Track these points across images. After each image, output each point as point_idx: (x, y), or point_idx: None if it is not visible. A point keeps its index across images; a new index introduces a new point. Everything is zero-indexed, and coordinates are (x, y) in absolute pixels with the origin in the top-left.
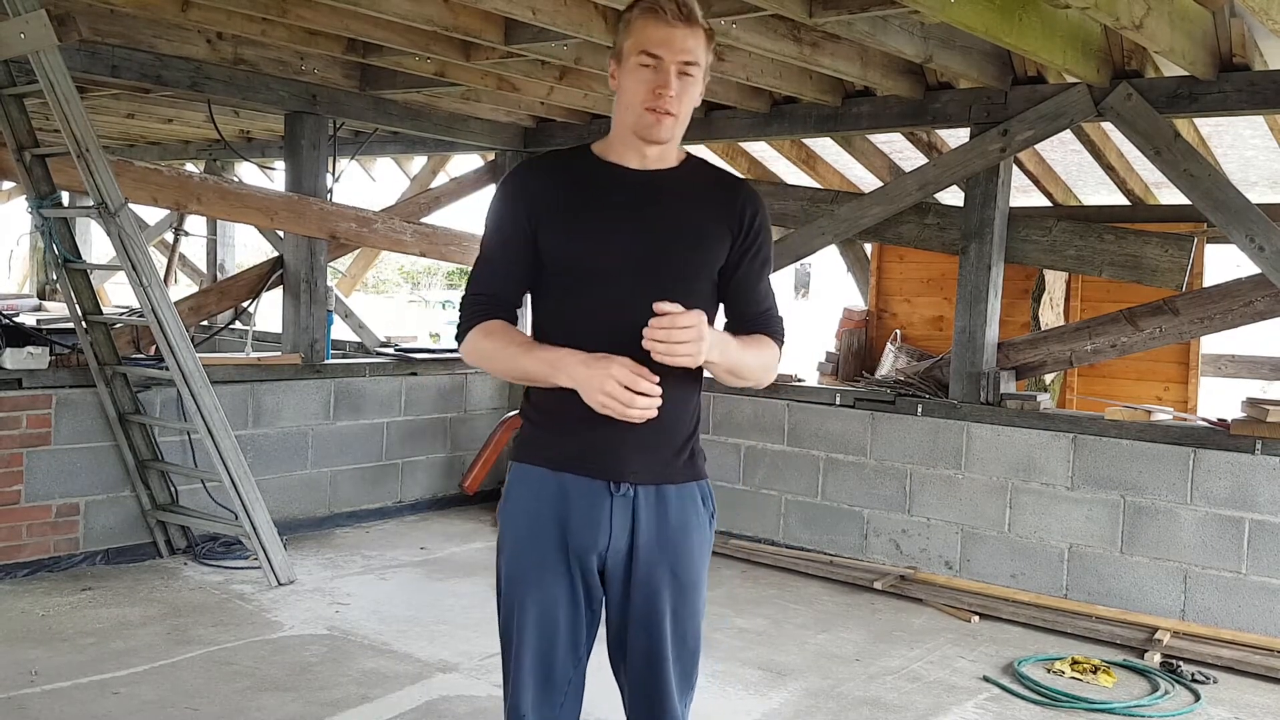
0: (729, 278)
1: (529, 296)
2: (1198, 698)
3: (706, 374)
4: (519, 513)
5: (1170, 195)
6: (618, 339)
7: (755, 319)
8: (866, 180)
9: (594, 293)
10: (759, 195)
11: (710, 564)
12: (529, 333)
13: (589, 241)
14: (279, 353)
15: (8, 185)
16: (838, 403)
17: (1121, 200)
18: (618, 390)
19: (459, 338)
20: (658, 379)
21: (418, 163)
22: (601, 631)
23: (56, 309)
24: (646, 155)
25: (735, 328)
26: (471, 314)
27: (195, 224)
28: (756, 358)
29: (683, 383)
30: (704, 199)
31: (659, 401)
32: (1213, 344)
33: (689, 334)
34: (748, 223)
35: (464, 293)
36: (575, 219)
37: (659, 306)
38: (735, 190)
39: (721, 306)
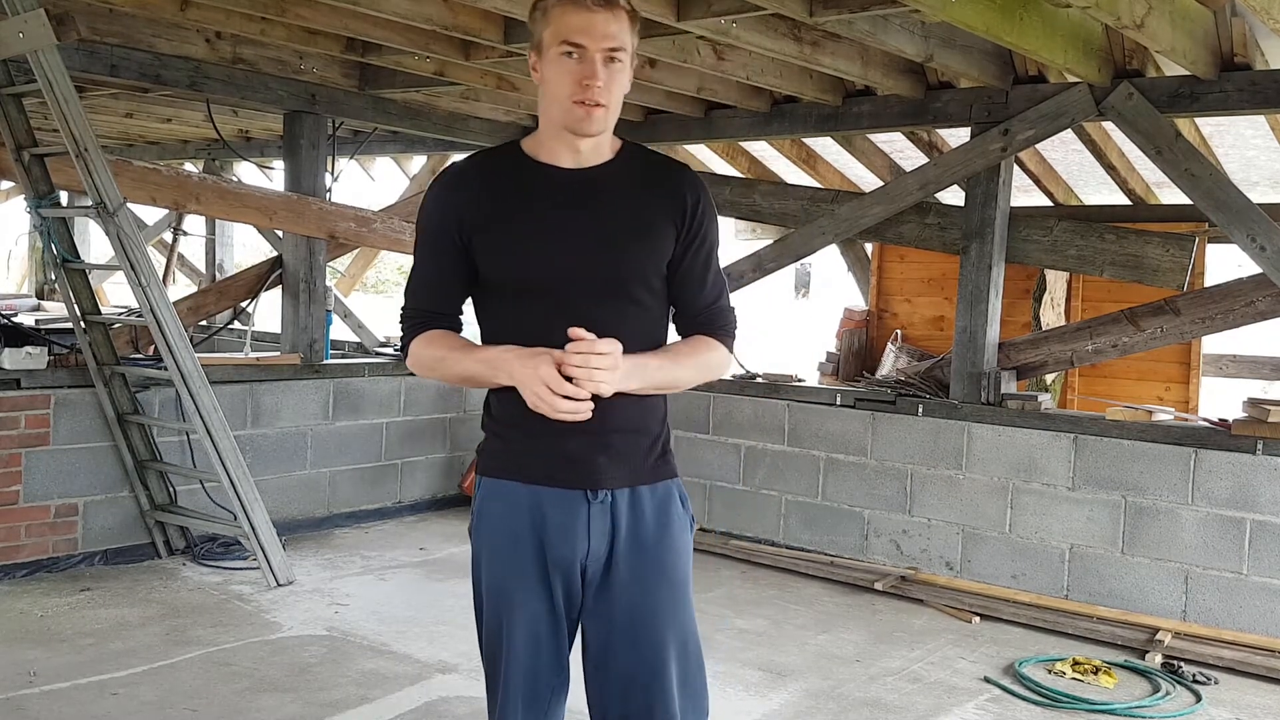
0: (675, 271)
1: (472, 306)
2: (1199, 699)
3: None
4: (495, 530)
5: (1171, 195)
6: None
7: (701, 314)
8: (867, 180)
9: (538, 303)
10: (700, 179)
11: (710, 564)
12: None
13: (527, 252)
14: (278, 353)
15: (6, 185)
16: (838, 403)
17: (1123, 200)
18: (544, 391)
19: (402, 352)
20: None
21: (417, 162)
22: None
23: (55, 309)
24: (580, 150)
25: (682, 324)
26: (410, 329)
27: (194, 224)
28: (687, 370)
29: None
30: (644, 193)
31: (587, 406)
32: (1214, 344)
33: (605, 362)
34: (690, 210)
35: (402, 306)
36: (510, 229)
37: (574, 333)
38: (676, 178)
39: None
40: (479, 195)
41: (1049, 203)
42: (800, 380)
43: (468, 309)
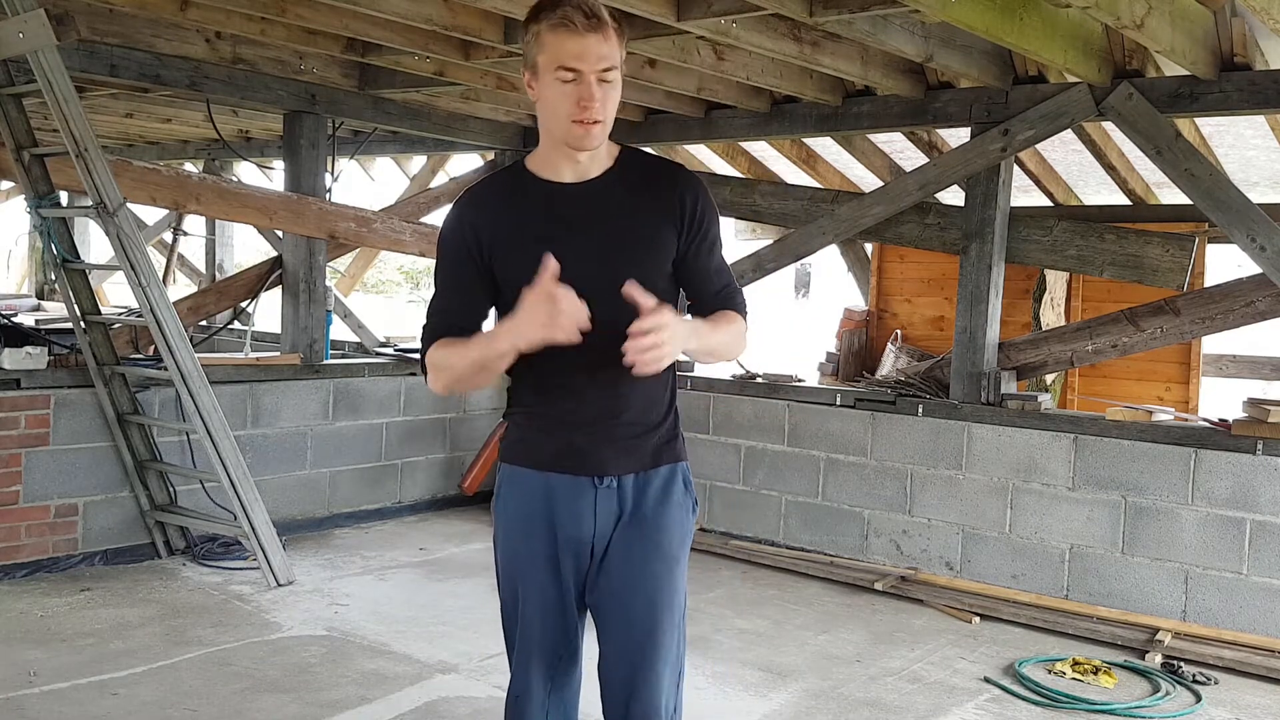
0: (682, 267)
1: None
2: (1199, 699)
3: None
4: (510, 511)
5: (1171, 195)
6: (580, 358)
7: (714, 298)
8: (867, 180)
9: None
10: (696, 176)
11: (710, 564)
12: None
13: (535, 262)
14: (278, 353)
15: (6, 185)
16: (838, 403)
17: (1123, 200)
18: (553, 309)
19: (421, 371)
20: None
21: (417, 162)
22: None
23: (55, 309)
24: (579, 161)
25: (698, 311)
26: (425, 345)
27: (194, 224)
28: (727, 334)
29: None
30: (643, 200)
31: (584, 316)
32: (1214, 344)
33: (660, 336)
34: (689, 212)
35: (422, 327)
36: (520, 247)
37: (635, 323)
38: (672, 181)
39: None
40: (495, 216)
41: (1049, 203)
42: (800, 380)
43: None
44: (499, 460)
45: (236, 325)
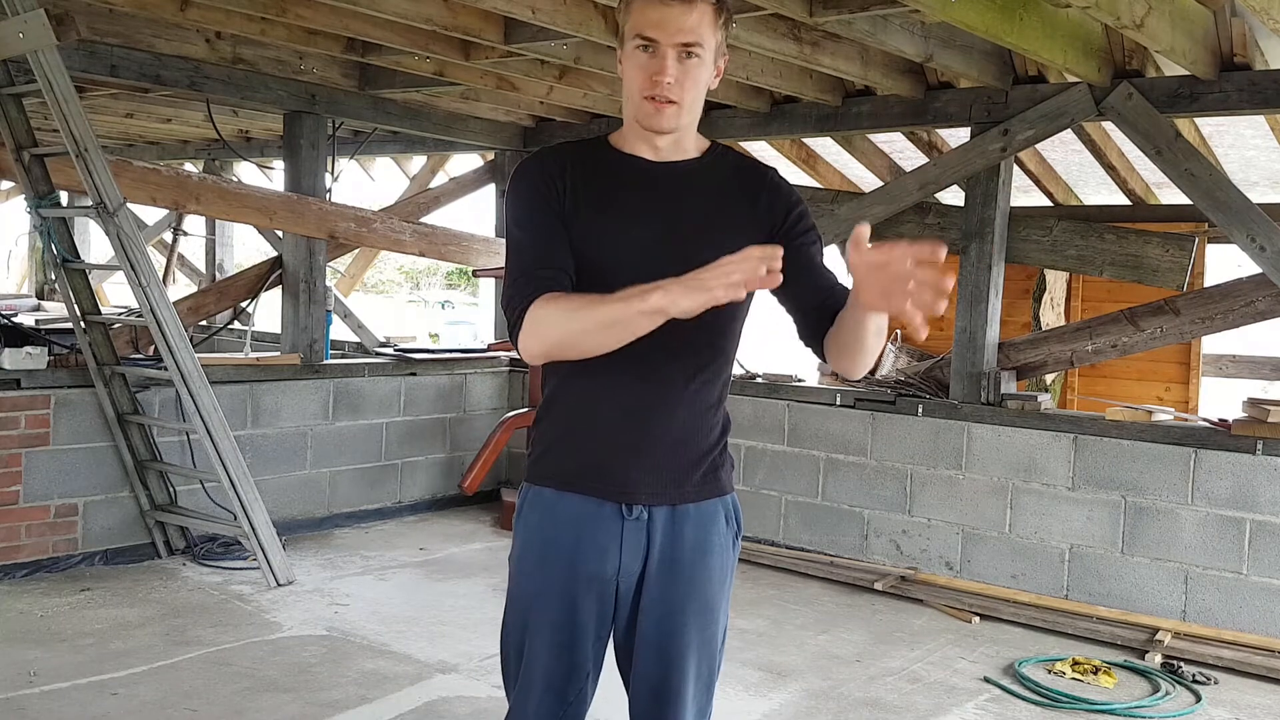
0: (797, 267)
1: None
2: (1199, 699)
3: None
4: (529, 537)
5: (1171, 195)
6: (625, 354)
7: (833, 292)
8: (867, 180)
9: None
10: (789, 182)
11: None
12: None
13: (608, 236)
14: (278, 353)
15: (6, 185)
16: (838, 403)
17: (1122, 200)
18: (741, 267)
19: (514, 327)
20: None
21: (417, 162)
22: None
23: (55, 309)
24: (658, 146)
25: (822, 320)
26: (526, 295)
27: (194, 224)
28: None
29: (702, 389)
30: (733, 192)
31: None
32: (1214, 344)
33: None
34: (782, 207)
35: (505, 293)
36: (595, 212)
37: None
38: (762, 178)
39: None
40: (567, 172)
41: (1049, 203)
42: (800, 380)
43: None
44: (523, 479)
45: (236, 325)
